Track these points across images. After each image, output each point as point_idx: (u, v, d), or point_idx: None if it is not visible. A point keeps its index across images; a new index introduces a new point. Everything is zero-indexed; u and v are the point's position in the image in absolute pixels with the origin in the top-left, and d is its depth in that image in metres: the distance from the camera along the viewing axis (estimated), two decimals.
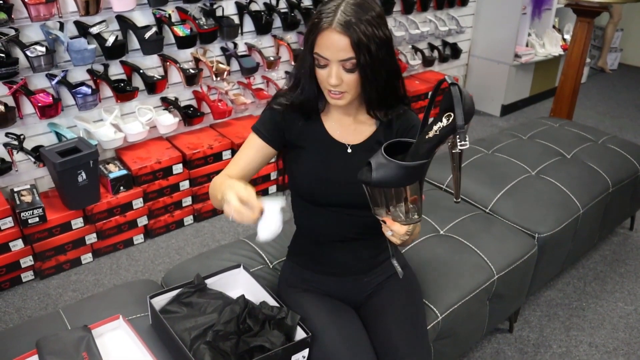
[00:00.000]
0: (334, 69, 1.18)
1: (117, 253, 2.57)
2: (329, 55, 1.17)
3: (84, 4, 2.26)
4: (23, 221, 2.23)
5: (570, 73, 3.18)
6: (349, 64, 1.17)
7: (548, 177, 2.25)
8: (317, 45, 1.18)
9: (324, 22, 1.16)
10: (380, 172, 1.04)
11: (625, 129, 4.10)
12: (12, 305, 2.24)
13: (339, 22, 1.15)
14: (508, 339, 2.12)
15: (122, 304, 1.48)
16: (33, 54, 2.20)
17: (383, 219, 1.14)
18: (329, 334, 1.32)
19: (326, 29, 1.15)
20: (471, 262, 1.76)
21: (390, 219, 1.12)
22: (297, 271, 1.49)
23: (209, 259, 1.71)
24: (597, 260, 2.60)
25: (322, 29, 1.16)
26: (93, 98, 2.41)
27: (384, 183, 1.05)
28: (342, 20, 1.14)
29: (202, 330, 1.28)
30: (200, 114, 2.84)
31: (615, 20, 5.10)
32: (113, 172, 2.48)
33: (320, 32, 1.16)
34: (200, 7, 2.71)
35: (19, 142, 2.33)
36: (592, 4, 2.94)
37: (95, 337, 1.31)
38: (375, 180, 1.05)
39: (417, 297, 1.49)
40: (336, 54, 1.16)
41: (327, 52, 1.17)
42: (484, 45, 4.19)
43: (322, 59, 1.18)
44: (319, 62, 1.20)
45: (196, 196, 2.77)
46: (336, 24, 1.15)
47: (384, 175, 1.04)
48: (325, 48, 1.17)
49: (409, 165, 1.04)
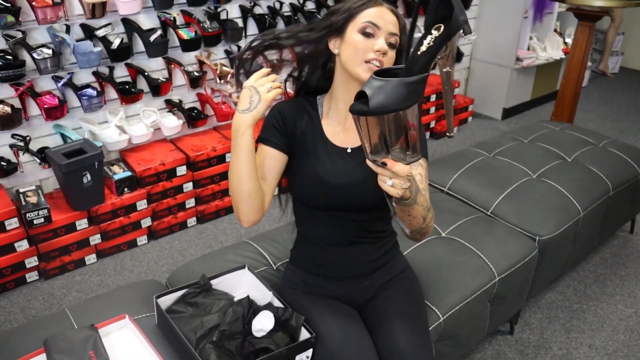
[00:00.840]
0: (382, 38, 1.24)
1: (121, 254, 2.59)
2: (382, 24, 1.24)
3: (90, 7, 2.28)
4: (28, 222, 2.25)
5: (572, 77, 3.20)
6: (394, 39, 1.25)
7: (549, 180, 2.27)
8: (367, 16, 1.24)
9: (370, 1, 1.25)
10: (379, 97, 0.93)
11: (626, 133, 4.12)
12: (17, 305, 2.26)
13: (389, 3, 1.27)
14: (509, 341, 2.13)
15: (128, 303, 1.50)
16: (40, 56, 2.22)
17: (383, 160, 1.00)
18: (332, 335, 1.33)
19: (377, 5, 1.25)
20: (472, 264, 1.78)
21: (390, 159, 1.00)
22: (299, 274, 1.50)
23: (213, 259, 1.73)
24: (598, 263, 2.62)
25: (372, 4, 1.25)
26: (98, 100, 2.43)
27: (383, 108, 0.92)
28: (390, 3, 1.27)
29: (207, 330, 1.30)
30: (204, 116, 2.86)
31: (616, 24, 5.12)
32: (117, 174, 2.50)
33: (369, 6, 1.25)
34: (205, 11, 2.73)
35: (24, 144, 2.35)
36: (594, 8, 2.96)
37: (102, 336, 1.33)
38: (374, 107, 0.93)
39: (419, 298, 1.50)
40: (388, 25, 1.24)
41: (381, 21, 1.24)
42: (486, 48, 4.21)
43: (372, 26, 1.23)
44: (364, 30, 1.24)
45: (200, 198, 2.79)
46: (386, 4, 1.26)
47: (383, 99, 0.92)
48: (378, 17, 1.24)
49: (409, 81, 0.93)
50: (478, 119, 4.30)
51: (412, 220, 1.20)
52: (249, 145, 1.21)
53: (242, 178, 1.22)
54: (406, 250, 1.79)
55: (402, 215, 1.18)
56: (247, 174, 1.22)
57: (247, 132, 1.20)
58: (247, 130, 1.20)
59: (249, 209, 1.26)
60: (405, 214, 1.17)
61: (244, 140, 1.20)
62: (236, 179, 1.23)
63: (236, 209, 1.28)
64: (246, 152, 1.20)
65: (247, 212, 1.26)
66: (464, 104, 4.11)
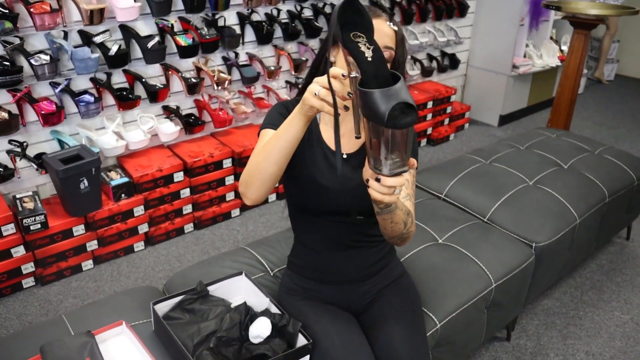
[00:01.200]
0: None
1: (117, 260, 2.59)
2: (377, 38, 1.21)
3: (88, 14, 2.29)
4: (25, 228, 2.24)
5: (568, 84, 3.22)
6: (389, 53, 1.24)
7: (545, 187, 2.27)
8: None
9: (370, 12, 1.22)
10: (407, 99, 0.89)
11: (622, 140, 4.14)
12: (13, 312, 2.25)
13: (388, 16, 1.24)
14: (505, 347, 2.13)
15: (125, 310, 1.50)
16: (37, 63, 2.23)
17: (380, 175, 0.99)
18: (330, 341, 1.33)
19: (376, 17, 1.24)
20: (469, 270, 1.78)
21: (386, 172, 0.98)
22: (296, 280, 1.50)
23: (210, 266, 1.73)
24: (594, 269, 2.62)
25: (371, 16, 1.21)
26: (96, 106, 2.44)
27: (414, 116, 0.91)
28: (390, 16, 1.24)
29: (204, 336, 1.30)
30: (201, 122, 2.86)
31: (611, 32, 5.16)
32: (115, 180, 2.50)
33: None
34: (203, 17, 2.74)
35: (21, 149, 2.35)
36: (589, 16, 2.98)
37: (99, 342, 1.33)
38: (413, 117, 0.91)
39: (417, 304, 1.50)
40: (383, 38, 1.23)
41: (376, 35, 1.20)
42: (482, 56, 4.23)
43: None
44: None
45: (197, 204, 2.79)
46: (386, 16, 1.25)
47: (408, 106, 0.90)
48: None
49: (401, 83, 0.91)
50: (475, 126, 4.31)
51: (394, 227, 1.20)
52: (295, 135, 1.13)
53: (274, 158, 1.16)
54: (403, 257, 1.79)
55: (384, 223, 1.19)
56: (279, 157, 1.16)
57: (294, 121, 1.12)
58: (296, 119, 1.11)
59: (262, 189, 1.21)
60: (388, 222, 1.18)
61: (292, 128, 1.12)
62: (268, 156, 1.17)
63: (248, 184, 1.22)
64: (290, 137, 1.13)
65: (257, 192, 1.22)
66: (460, 110, 4.13)
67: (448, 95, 3.91)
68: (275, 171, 1.18)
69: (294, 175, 1.35)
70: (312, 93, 1.03)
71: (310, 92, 1.04)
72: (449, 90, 3.90)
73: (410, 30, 3.74)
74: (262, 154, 1.19)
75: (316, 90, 1.02)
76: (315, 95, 1.02)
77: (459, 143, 3.99)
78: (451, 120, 4.09)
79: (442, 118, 3.98)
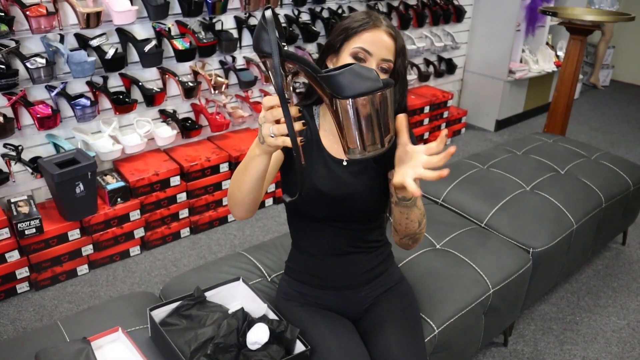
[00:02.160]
0: (373, 65, 1.22)
1: (113, 265, 2.57)
2: (374, 51, 1.21)
3: (85, 17, 2.28)
4: (20, 232, 2.23)
5: (564, 89, 3.23)
6: (387, 65, 1.23)
7: (542, 192, 2.28)
8: (360, 40, 1.22)
9: (369, 23, 1.21)
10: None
11: (617, 145, 4.15)
12: (7, 317, 2.24)
13: (387, 25, 1.22)
14: (503, 353, 2.13)
15: (121, 316, 1.49)
16: (33, 66, 2.22)
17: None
18: (327, 347, 1.32)
19: (374, 28, 1.22)
20: (467, 276, 1.78)
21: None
22: (294, 285, 1.49)
23: (207, 271, 1.72)
24: (591, 274, 2.63)
25: (369, 27, 1.21)
26: (92, 110, 2.42)
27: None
28: (388, 24, 1.22)
29: (201, 342, 1.29)
30: (198, 126, 2.85)
31: (607, 38, 5.19)
32: (110, 184, 2.49)
33: (366, 29, 1.22)
34: (200, 21, 2.74)
35: (17, 153, 2.33)
36: (585, 22, 3.00)
37: (95, 349, 1.32)
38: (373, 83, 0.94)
39: (415, 310, 1.50)
40: (381, 50, 1.22)
41: (373, 47, 1.21)
42: (479, 61, 4.25)
43: (364, 52, 1.21)
44: (356, 55, 1.22)
45: (193, 208, 2.78)
46: (385, 25, 1.22)
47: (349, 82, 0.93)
48: (371, 43, 1.21)
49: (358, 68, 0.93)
50: (471, 131, 4.32)
51: (409, 224, 1.21)
52: (262, 171, 1.13)
53: (246, 190, 1.18)
54: (401, 262, 1.79)
55: (399, 218, 1.19)
56: (251, 188, 1.17)
57: (257, 159, 1.11)
58: (258, 159, 1.10)
59: (244, 212, 1.25)
60: (404, 216, 1.18)
61: (257, 164, 1.12)
62: (239, 188, 1.19)
63: (232, 207, 1.25)
64: (256, 174, 1.14)
65: (242, 213, 1.26)
66: (457, 115, 4.13)
67: (445, 100, 3.91)
68: (252, 198, 1.20)
69: (293, 181, 1.35)
70: (267, 135, 1.01)
71: (265, 135, 1.01)
72: (445, 95, 3.91)
73: (407, 35, 3.74)
74: (235, 185, 1.20)
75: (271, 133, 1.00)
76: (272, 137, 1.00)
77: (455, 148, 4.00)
78: (448, 125, 4.09)
79: (439, 123, 3.98)
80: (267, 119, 1.00)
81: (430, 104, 3.79)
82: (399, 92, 1.27)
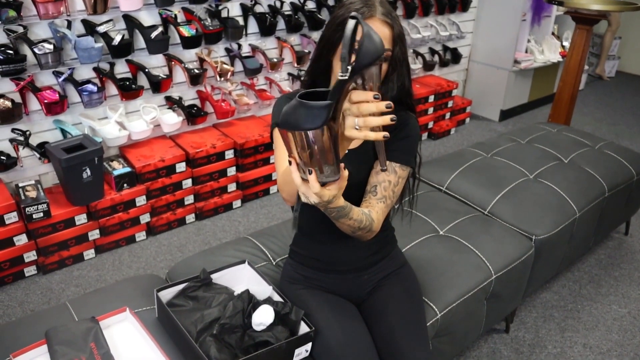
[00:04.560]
0: None
1: (119, 249, 2.60)
2: None
3: (92, 3, 2.29)
4: (27, 216, 2.25)
5: (569, 80, 3.22)
6: (384, 54, 1.20)
7: (546, 180, 2.29)
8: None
9: (363, 14, 1.15)
10: (285, 114, 0.93)
11: (622, 136, 4.15)
12: (15, 300, 2.27)
13: (382, 12, 1.16)
14: (504, 339, 2.15)
15: (128, 297, 1.51)
16: (41, 52, 2.23)
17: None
18: (331, 329, 1.35)
19: (369, 19, 1.16)
20: (470, 262, 1.79)
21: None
22: (298, 269, 1.52)
23: (213, 255, 1.74)
24: (593, 263, 2.64)
25: (364, 18, 1.15)
26: (98, 96, 2.44)
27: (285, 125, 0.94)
28: (384, 11, 1.16)
29: (207, 323, 1.31)
30: (203, 113, 2.87)
31: (613, 29, 5.16)
32: (117, 170, 2.51)
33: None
34: (206, 8, 2.74)
35: (24, 138, 2.35)
36: (591, 12, 2.98)
37: (103, 328, 1.34)
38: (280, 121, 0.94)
39: (417, 294, 1.52)
40: None
41: None
42: (484, 50, 4.24)
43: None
44: None
45: (198, 194, 2.80)
46: (380, 14, 1.16)
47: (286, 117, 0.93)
48: None
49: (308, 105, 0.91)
50: (476, 121, 4.32)
51: (340, 226, 1.20)
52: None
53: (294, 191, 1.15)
54: (404, 248, 1.80)
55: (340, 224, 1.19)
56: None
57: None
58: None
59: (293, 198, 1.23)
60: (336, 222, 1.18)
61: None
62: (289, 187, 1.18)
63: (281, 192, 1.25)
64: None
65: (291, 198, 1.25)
66: (462, 105, 4.13)
67: (449, 90, 3.91)
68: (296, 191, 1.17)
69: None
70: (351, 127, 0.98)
71: (349, 126, 0.98)
72: (450, 84, 3.91)
73: (413, 24, 3.74)
74: (282, 181, 1.19)
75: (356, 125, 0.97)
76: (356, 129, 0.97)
77: (459, 137, 4.00)
78: (452, 115, 4.09)
79: (444, 112, 3.99)
80: (352, 112, 0.98)
81: (435, 93, 3.79)
82: (400, 77, 1.26)
